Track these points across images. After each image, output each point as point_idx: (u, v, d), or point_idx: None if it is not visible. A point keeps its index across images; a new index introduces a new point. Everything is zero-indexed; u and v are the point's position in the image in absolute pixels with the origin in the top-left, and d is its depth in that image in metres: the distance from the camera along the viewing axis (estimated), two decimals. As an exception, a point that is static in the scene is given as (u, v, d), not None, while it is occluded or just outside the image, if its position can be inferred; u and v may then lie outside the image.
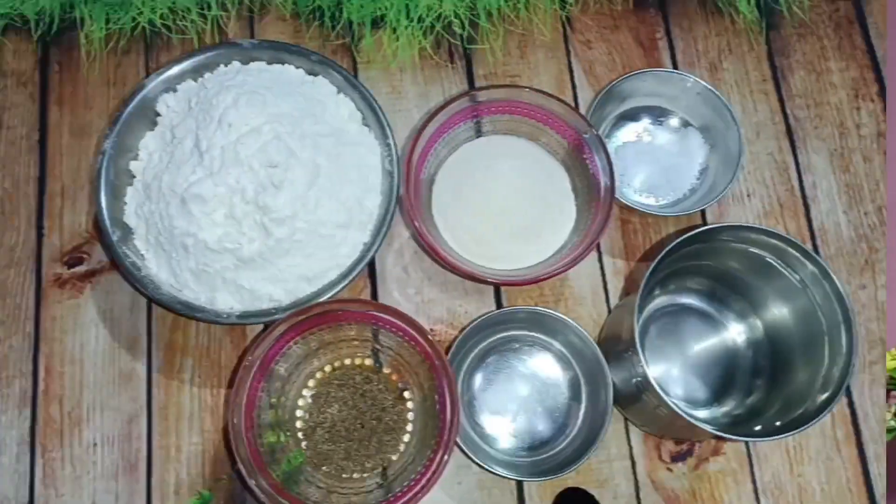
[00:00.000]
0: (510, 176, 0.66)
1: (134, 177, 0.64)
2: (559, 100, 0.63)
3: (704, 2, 0.76)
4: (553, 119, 0.65)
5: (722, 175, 0.68)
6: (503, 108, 0.66)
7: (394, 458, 0.61)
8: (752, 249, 0.60)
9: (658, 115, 0.71)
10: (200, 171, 0.58)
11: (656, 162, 0.70)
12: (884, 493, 0.63)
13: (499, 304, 0.67)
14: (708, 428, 0.53)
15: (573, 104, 0.71)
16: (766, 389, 0.63)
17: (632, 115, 0.71)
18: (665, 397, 0.53)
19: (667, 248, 0.56)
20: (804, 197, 0.70)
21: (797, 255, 0.58)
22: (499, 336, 0.65)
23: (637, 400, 0.59)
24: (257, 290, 0.60)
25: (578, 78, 0.73)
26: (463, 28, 0.74)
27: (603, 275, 0.68)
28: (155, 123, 0.65)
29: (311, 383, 0.63)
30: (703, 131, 0.71)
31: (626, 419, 0.64)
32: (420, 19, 0.73)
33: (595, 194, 0.63)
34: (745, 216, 0.70)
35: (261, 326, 0.65)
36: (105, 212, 0.62)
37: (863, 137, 0.72)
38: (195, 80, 0.65)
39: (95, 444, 0.62)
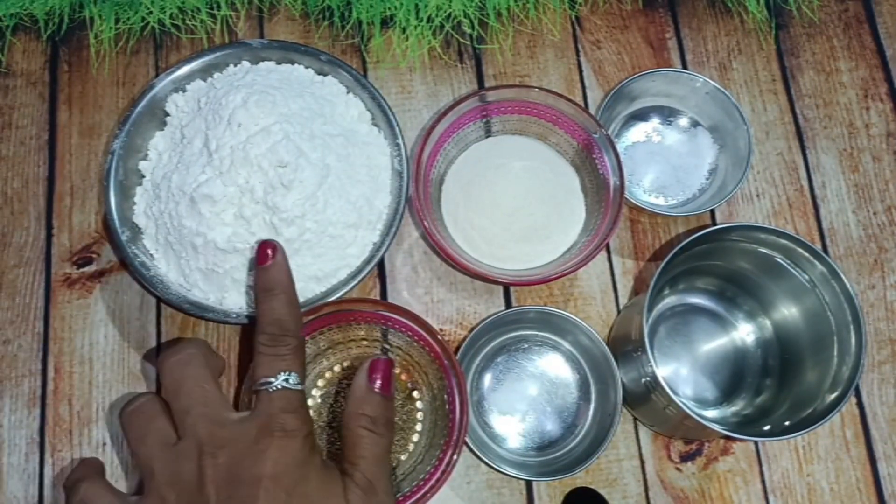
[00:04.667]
0: (520, 176, 0.66)
1: (143, 177, 0.64)
2: (568, 100, 0.63)
3: (714, 2, 0.76)
4: (562, 119, 0.65)
5: (731, 175, 0.68)
6: (513, 108, 0.66)
7: (403, 457, 0.61)
8: (762, 249, 0.60)
9: (668, 115, 0.71)
10: (210, 171, 0.58)
11: (666, 162, 0.70)
12: (894, 492, 0.63)
13: (508, 304, 0.67)
14: (717, 428, 0.53)
15: (582, 104, 0.71)
16: (776, 389, 0.63)
17: (641, 115, 0.71)
18: (674, 397, 0.53)
19: (676, 248, 0.56)
20: (813, 197, 0.70)
21: (806, 254, 0.58)
22: (508, 336, 0.65)
23: (646, 400, 0.58)
24: (267, 289, 0.60)
25: (588, 78, 0.73)
26: (472, 28, 0.74)
27: (612, 275, 0.68)
28: (164, 123, 0.65)
29: (320, 383, 0.63)
30: (713, 131, 0.71)
31: (635, 419, 0.64)
32: (429, 19, 0.73)
33: (604, 194, 0.63)
34: (754, 216, 0.70)
35: (270, 326, 0.65)
36: (114, 212, 0.62)
37: (872, 137, 0.72)
38: (204, 80, 0.65)
39: (105, 444, 0.62)
